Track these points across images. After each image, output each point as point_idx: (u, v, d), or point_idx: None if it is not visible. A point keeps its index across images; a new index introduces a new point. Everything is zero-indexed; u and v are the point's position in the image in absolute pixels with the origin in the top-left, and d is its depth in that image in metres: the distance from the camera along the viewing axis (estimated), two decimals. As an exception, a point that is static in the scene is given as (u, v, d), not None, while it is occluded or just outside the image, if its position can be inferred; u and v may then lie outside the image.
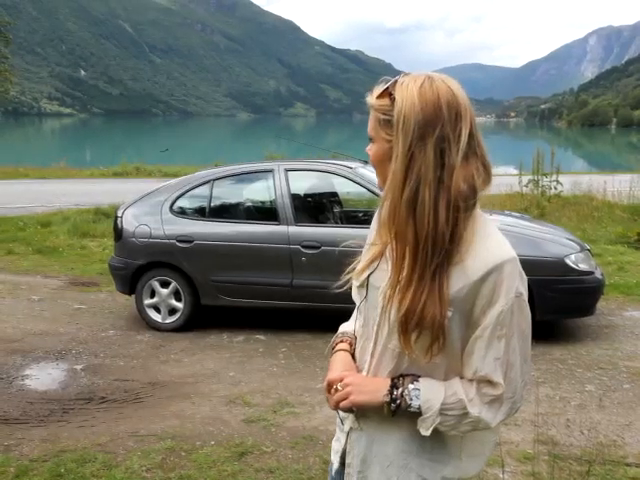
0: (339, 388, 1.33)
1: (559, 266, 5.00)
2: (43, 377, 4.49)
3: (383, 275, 1.33)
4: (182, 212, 5.65)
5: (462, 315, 1.25)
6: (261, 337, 5.34)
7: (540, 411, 3.58)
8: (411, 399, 1.29)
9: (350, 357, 1.43)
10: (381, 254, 1.35)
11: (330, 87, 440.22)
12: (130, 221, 5.65)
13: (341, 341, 1.47)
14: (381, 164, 1.32)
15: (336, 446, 1.52)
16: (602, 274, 5.34)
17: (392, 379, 1.33)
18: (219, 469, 3.17)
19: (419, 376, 1.31)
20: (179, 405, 3.99)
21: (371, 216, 1.44)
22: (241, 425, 3.69)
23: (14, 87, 34.76)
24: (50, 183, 17.00)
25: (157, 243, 5.50)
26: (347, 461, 1.44)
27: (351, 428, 1.42)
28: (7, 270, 7.74)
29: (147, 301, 5.57)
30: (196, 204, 5.73)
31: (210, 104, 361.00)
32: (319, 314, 5.50)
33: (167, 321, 5.54)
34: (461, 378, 1.31)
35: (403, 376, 1.32)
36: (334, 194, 6.28)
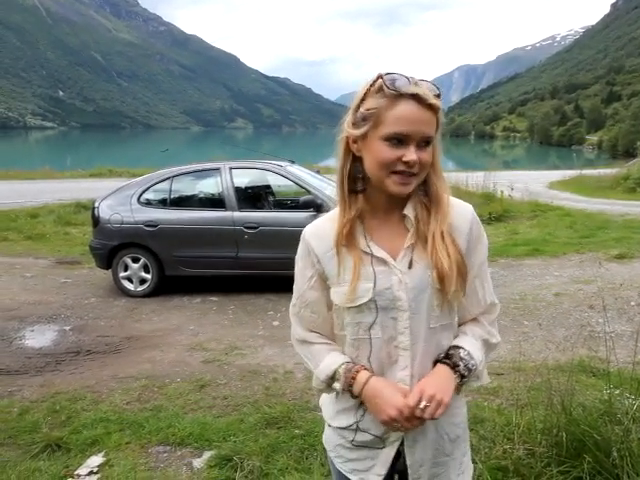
0: (427, 404, 0.99)
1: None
2: (38, 337, 4.26)
3: (387, 275, 1.03)
4: (148, 203, 5.45)
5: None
6: (214, 298, 5.27)
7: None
8: (472, 365, 1.06)
9: (383, 378, 1.06)
10: (361, 260, 1.03)
11: (264, 106, 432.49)
12: (105, 211, 5.41)
13: (357, 371, 1.06)
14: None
15: (378, 466, 1.11)
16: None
17: (443, 362, 1.06)
18: (185, 399, 3.13)
19: (455, 346, 1.08)
20: (151, 353, 3.90)
21: (297, 203, 1.16)
22: (200, 365, 3.65)
23: (1, 105, 32.08)
24: (36, 183, 15.82)
25: (128, 227, 5.29)
26: (410, 462, 1.10)
27: (403, 441, 1.09)
28: (3, 253, 7.21)
29: (121, 274, 5.37)
30: (159, 196, 5.54)
31: (168, 119, 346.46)
32: (259, 279, 5.49)
33: (138, 289, 5.36)
34: (463, 323, 1.13)
35: (447, 355, 1.07)
36: (268, 186, 6.24)
